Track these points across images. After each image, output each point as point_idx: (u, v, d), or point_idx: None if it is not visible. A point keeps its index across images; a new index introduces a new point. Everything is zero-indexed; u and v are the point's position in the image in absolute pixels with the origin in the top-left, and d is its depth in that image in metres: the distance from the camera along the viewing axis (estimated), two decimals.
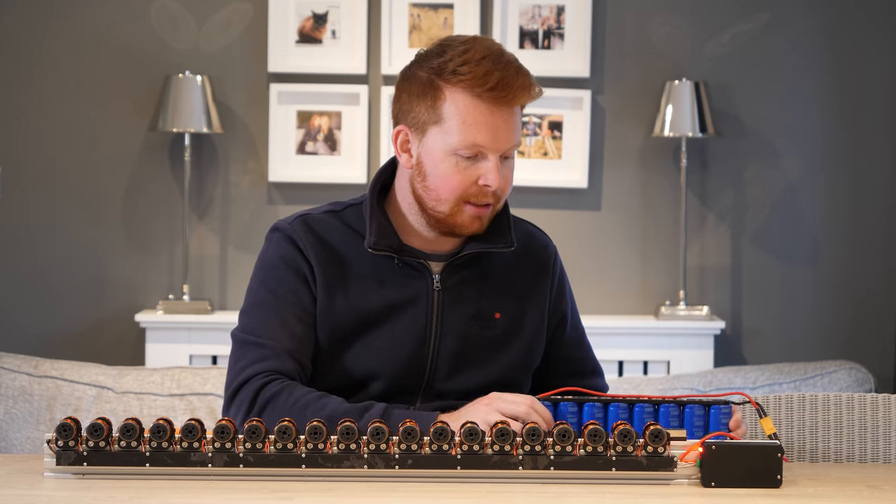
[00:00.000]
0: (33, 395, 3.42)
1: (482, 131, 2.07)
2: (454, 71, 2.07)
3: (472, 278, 2.18)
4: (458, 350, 2.15)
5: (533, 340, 2.21)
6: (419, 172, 2.12)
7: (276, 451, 1.84)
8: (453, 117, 2.08)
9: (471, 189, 2.10)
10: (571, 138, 4.48)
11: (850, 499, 1.79)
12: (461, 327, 2.15)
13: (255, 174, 4.50)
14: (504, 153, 2.10)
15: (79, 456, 1.85)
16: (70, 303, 4.50)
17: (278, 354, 2.09)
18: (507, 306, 2.19)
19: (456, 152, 2.09)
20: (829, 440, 2.30)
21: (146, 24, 4.48)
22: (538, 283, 2.23)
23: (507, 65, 2.09)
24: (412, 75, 2.13)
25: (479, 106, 2.07)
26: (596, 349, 4.38)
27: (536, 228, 2.30)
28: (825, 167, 4.51)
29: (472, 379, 2.15)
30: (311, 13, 4.46)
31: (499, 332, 2.17)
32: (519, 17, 4.48)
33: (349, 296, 2.13)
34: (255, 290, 2.16)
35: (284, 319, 2.11)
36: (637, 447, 1.84)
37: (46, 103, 4.48)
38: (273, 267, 2.16)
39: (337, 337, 2.14)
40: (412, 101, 2.12)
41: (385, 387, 2.13)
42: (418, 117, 2.11)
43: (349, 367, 2.13)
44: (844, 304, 4.52)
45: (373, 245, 2.13)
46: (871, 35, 4.48)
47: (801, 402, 2.32)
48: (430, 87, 2.09)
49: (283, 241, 2.16)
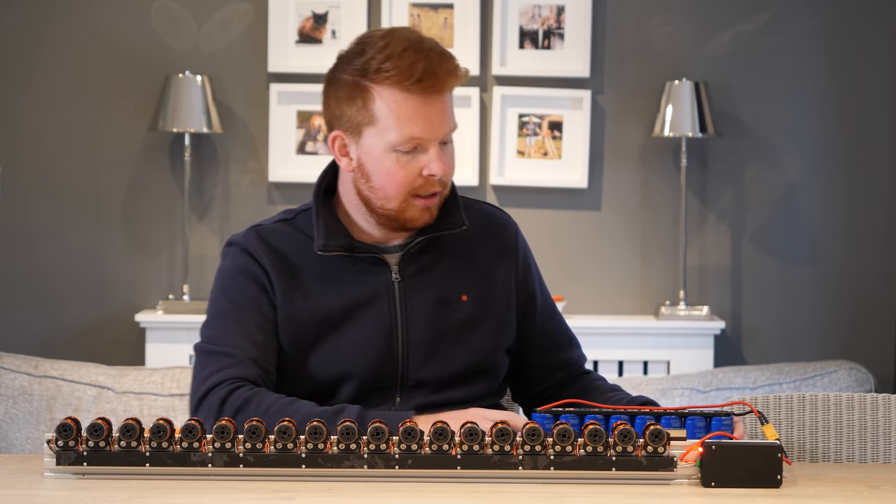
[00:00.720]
0: (33, 395, 3.42)
1: (417, 124, 2.07)
2: (378, 69, 2.07)
3: (430, 265, 2.17)
4: (428, 338, 2.15)
5: (503, 318, 2.20)
6: (362, 174, 2.12)
7: (276, 451, 1.84)
8: (386, 115, 2.08)
9: (416, 182, 2.10)
10: (571, 138, 4.48)
11: (850, 499, 1.79)
12: (427, 315, 2.15)
13: (255, 174, 4.50)
14: (442, 139, 2.11)
15: (79, 456, 1.85)
16: (70, 303, 4.50)
17: (242, 361, 2.08)
18: (473, 287, 2.18)
19: (395, 149, 2.09)
20: (829, 440, 2.30)
21: (146, 25, 4.48)
22: (502, 261, 2.22)
23: (430, 52, 2.09)
24: (337, 79, 2.12)
25: (410, 99, 2.07)
26: (596, 349, 4.34)
27: (495, 208, 2.29)
28: (825, 167, 4.51)
29: (448, 365, 2.15)
30: (311, 13, 4.46)
31: (467, 313, 2.17)
32: (519, 17, 4.48)
33: (309, 299, 2.14)
34: (215, 301, 2.17)
35: (245, 328, 2.12)
36: (637, 447, 1.84)
37: (47, 103, 4.48)
38: (231, 278, 2.16)
39: (303, 342, 2.14)
40: (342, 105, 2.11)
41: (360, 385, 2.13)
42: (351, 120, 2.11)
43: (321, 371, 2.14)
44: (844, 304, 4.52)
45: (322, 247, 2.13)
46: (871, 35, 4.48)
47: (801, 402, 2.32)
48: (358, 89, 2.09)
49: (239, 253, 2.17)
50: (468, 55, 4.45)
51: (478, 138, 4.47)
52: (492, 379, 2.21)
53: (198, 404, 2.06)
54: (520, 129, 4.49)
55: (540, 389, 2.29)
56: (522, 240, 2.28)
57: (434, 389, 2.15)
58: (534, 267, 2.29)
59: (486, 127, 4.50)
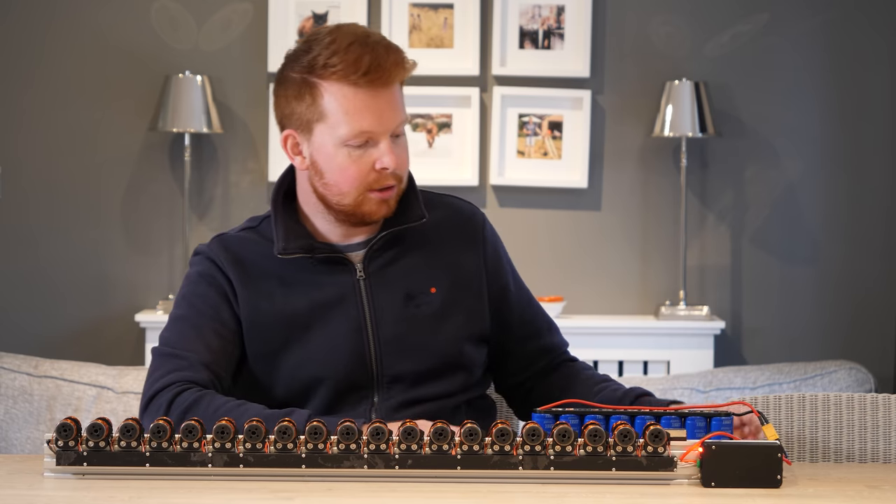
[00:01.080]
0: (33, 395, 3.42)
1: (367, 117, 2.08)
2: (325, 65, 2.07)
3: (394, 260, 2.17)
4: (399, 333, 2.15)
5: (474, 307, 2.19)
6: (315, 171, 2.13)
7: (276, 451, 1.84)
8: (335, 110, 2.08)
9: (370, 176, 2.10)
10: (571, 138, 4.48)
11: (850, 499, 1.79)
12: (396, 310, 2.15)
13: (255, 174, 4.50)
14: (394, 132, 2.11)
15: (79, 456, 1.85)
16: (70, 303, 4.50)
17: (193, 365, 2.09)
18: (441, 279, 2.18)
19: (346, 143, 2.09)
20: (829, 440, 2.30)
21: (146, 25, 4.48)
22: (469, 251, 2.21)
23: (376, 45, 2.09)
24: (286, 78, 2.14)
25: (358, 93, 2.07)
26: (596, 349, 4.34)
27: (461, 200, 2.28)
28: (825, 167, 4.51)
29: (423, 359, 2.15)
30: (311, 13, 4.46)
31: (437, 305, 2.16)
32: (519, 17, 4.48)
33: (275, 304, 2.14)
34: (177, 305, 2.18)
35: (202, 333, 2.12)
36: (637, 447, 1.84)
37: (47, 103, 4.48)
38: (194, 283, 2.18)
39: (273, 347, 2.14)
40: (291, 103, 2.12)
41: (335, 386, 2.13)
42: (301, 118, 2.11)
43: (294, 374, 2.14)
44: (844, 304, 4.52)
45: (282, 250, 2.14)
46: (871, 35, 4.48)
47: (801, 402, 2.32)
48: (306, 86, 2.10)
49: (203, 261, 2.19)
50: (468, 55, 4.45)
51: (478, 138, 4.47)
52: (469, 371, 2.19)
53: (146, 405, 2.07)
54: (520, 129, 4.49)
55: (521, 379, 2.27)
56: (490, 230, 2.27)
57: (411, 384, 2.15)
58: (504, 256, 2.27)
59: (486, 127, 4.50)
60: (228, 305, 2.15)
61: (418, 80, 4.34)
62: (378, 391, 2.15)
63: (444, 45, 4.47)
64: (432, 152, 4.48)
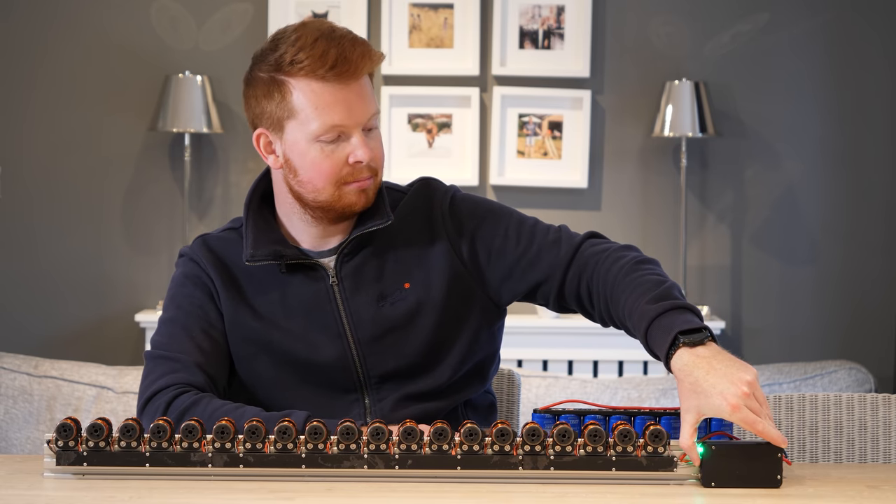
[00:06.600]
0: (33, 395, 3.42)
1: (337, 111, 2.08)
2: (292, 61, 2.07)
3: (365, 262, 2.17)
4: (378, 333, 2.14)
5: (454, 290, 2.17)
6: (290, 169, 2.13)
7: (276, 451, 1.84)
8: (305, 106, 2.08)
9: (344, 170, 2.10)
10: (571, 138, 4.49)
11: (850, 499, 1.79)
12: (371, 311, 2.15)
13: (255, 174, 4.47)
14: (366, 126, 2.10)
15: (79, 456, 1.85)
16: (70, 303, 4.50)
17: (187, 367, 2.09)
18: (414, 272, 2.17)
19: (318, 139, 2.09)
20: (829, 440, 2.30)
21: (146, 25, 4.48)
22: (436, 236, 2.18)
23: (342, 39, 2.09)
24: (254, 78, 2.13)
25: (326, 87, 2.07)
26: (596, 349, 4.33)
27: (421, 184, 2.24)
28: (825, 167, 4.51)
29: (408, 352, 2.15)
30: (311, 13, 4.46)
31: (413, 300, 2.16)
32: (519, 17, 4.48)
33: (255, 307, 2.15)
34: (165, 308, 2.19)
35: (191, 333, 2.13)
36: (637, 447, 1.84)
37: (47, 103, 4.49)
38: (180, 285, 2.19)
39: (252, 349, 2.14)
40: (261, 102, 2.12)
41: (322, 390, 2.13)
42: (272, 116, 2.11)
43: (277, 380, 2.14)
44: (844, 304, 4.52)
45: (250, 257, 2.14)
46: (870, 35, 4.48)
47: (801, 402, 2.32)
48: (274, 84, 2.10)
49: (187, 262, 2.20)
50: (468, 55, 4.46)
51: (478, 138, 4.47)
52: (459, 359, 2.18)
53: (142, 408, 2.07)
54: (520, 129, 4.49)
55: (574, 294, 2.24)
56: (457, 202, 2.21)
57: (401, 381, 2.15)
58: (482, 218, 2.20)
59: (486, 127, 4.50)
60: (214, 305, 2.16)
61: (418, 80, 4.33)
62: (368, 393, 2.15)
63: (444, 45, 4.47)
64: (432, 152, 4.48)
